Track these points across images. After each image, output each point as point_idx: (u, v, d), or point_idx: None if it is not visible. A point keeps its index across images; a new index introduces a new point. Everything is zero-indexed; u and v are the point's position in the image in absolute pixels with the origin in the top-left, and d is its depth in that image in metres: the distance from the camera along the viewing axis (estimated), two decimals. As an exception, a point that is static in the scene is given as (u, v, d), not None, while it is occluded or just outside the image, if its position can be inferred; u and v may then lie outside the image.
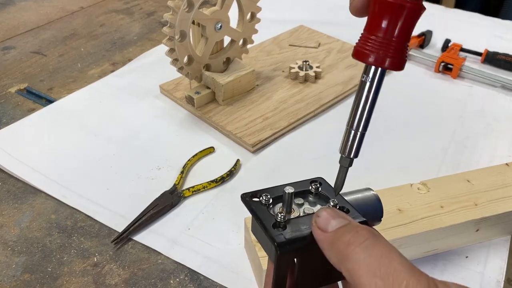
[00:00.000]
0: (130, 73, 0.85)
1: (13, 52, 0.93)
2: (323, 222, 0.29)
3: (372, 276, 0.25)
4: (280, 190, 0.33)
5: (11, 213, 0.58)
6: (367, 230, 0.27)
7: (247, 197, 0.34)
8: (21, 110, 0.77)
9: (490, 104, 0.78)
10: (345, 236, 0.27)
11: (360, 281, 0.25)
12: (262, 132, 0.68)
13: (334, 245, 0.28)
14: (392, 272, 0.25)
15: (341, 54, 0.88)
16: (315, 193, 0.34)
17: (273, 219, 0.31)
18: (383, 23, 0.29)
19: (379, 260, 0.25)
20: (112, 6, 1.13)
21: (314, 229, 0.29)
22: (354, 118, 0.32)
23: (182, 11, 0.63)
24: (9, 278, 0.50)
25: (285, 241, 0.29)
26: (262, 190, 0.34)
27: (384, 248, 0.26)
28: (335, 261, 0.28)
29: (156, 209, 0.57)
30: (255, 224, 0.33)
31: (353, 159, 0.33)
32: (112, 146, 0.68)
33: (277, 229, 0.30)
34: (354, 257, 0.26)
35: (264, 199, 0.33)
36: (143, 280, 0.50)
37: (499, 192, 0.52)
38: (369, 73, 0.31)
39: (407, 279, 0.24)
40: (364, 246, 0.26)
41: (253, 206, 0.33)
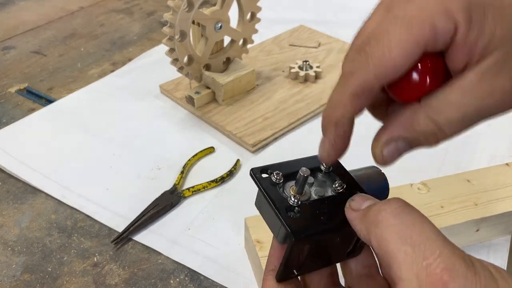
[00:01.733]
0: (130, 73, 0.85)
1: (13, 52, 0.93)
2: (357, 204, 0.28)
3: (402, 243, 0.23)
4: (292, 167, 0.32)
5: (11, 213, 0.58)
6: (399, 200, 0.26)
7: (257, 172, 0.32)
8: (21, 110, 0.77)
9: (490, 104, 0.78)
10: (376, 206, 0.26)
11: (389, 248, 0.23)
12: (262, 132, 0.68)
13: (365, 216, 0.26)
14: (424, 240, 0.23)
15: (341, 54, 0.88)
16: (324, 172, 0.33)
17: (286, 202, 0.30)
18: None
19: (411, 227, 0.23)
20: (112, 6, 1.12)
21: (347, 210, 0.29)
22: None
23: (182, 11, 0.63)
24: (9, 278, 0.50)
25: (300, 229, 0.28)
26: (273, 166, 0.32)
27: (417, 216, 0.24)
28: (365, 232, 0.26)
29: (156, 209, 0.57)
30: (260, 200, 0.32)
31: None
32: (112, 146, 0.68)
33: (291, 213, 0.29)
34: (384, 223, 0.24)
35: (275, 177, 0.31)
36: (143, 280, 0.50)
37: (500, 192, 0.52)
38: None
39: (440, 248, 0.22)
40: (395, 212, 0.25)
41: (263, 185, 0.31)
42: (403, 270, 0.22)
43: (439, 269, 0.21)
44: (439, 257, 0.22)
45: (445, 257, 0.22)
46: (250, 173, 0.32)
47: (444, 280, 0.21)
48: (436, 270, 0.21)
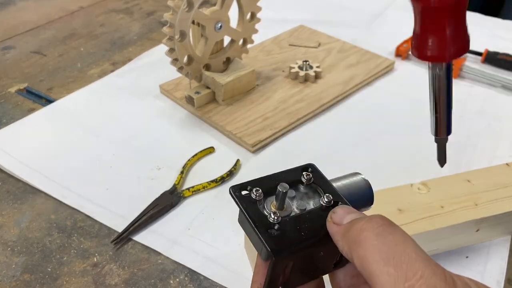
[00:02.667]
0: (130, 73, 0.85)
1: (13, 52, 0.93)
2: (339, 217, 0.28)
3: (385, 264, 0.23)
4: (272, 182, 0.32)
5: (10, 213, 0.58)
6: (381, 218, 0.26)
7: (236, 191, 0.32)
8: (21, 110, 0.77)
9: (490, 104, 0.78)
10: (358, 223, 0.26)
11: (371, 269, 0.24)
12: (262, 132, 0.68)
13: (347, 234, 0.27)
14: (406, 260, 0.23)
15: (341, 54, 0.88)
16: (306, 183, 0.33)
17: (266, 219, 0.29)
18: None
19: (393, 247, 0.24)
20: (112, 6, 1.12)
21: (328, 224, 0.29)
22: (442, 104, 0.34)
23: (182, 10, 0.63)
24: (8, 278, 0.50)
25: (281, 248, 0.28)
26: (252, 182, 0.32)
27: (398, 235, 0.25)
28: (347, 250, 0.26)
29: (156, 209, 0.57)
30: (242, 217, 0.32)
31: (447, 137, 0.36)
32: (112, 146, 0.68)
33: (271, 231, 0.29)
34: (366, 243, 0.25)
35: (255, 194, 0.31)
36: (143, 280, 0.50)
37: (500, 192, 0.52)
38: (442, 67, 0.33)
39: (422, 269, 0.23)
40: (377, 232, 0.25)
41: (243, 203, 0.31)
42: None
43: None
44: (421, 278, 0.22)
45: (427, 278, 0.22)
46: (230, 192, 0.32)
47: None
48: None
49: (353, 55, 0.87)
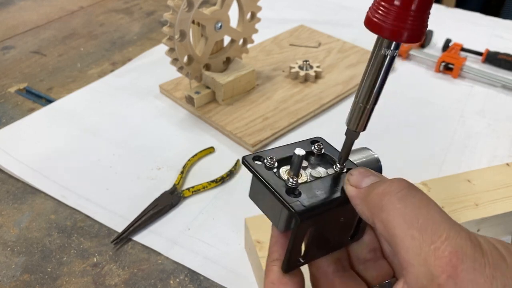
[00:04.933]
0: (129, 73, 0.85)
1: (13, 51, 0.93)
2: (357, 179, 0.28)
3: (408, 227, 0.23)
4: (284, 152, 0.31)
5: (10, 213, 0.58)
6: (403, 181, 0.25)
7: (250, 160, 0.30)
8: (21, 110, 0.77)
9: (490, 104, 0.78)
10: (379, 187, 0.26)
11: (395, 232, 0.23)
12: (262, 132, 0.68)
13: (368, 198, 0.26)
14: (431, 223, 0.23)
15: (341, 54, 0.88)
16: (317, 154, 0.33)
17: (284, 184, 0.29)
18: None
19: (416, 210, 0.23)
20: (111, 6, 1.12)
21: (346, 186, 0.28)
22: (367, 92, 0.30)
23: (182, 10, 0.63)
24: (8, 279, 0.50)
25: (304, 209, 0.27)
26: (264, 152, 0.31)
27: (422, 198, 0.24)
28: (368, 214, 0.26)
29: (156, 209, 0.57)
30: (256, 189, 0.31)
31: (359, 132, 0.32)
32: (111, 146, 0.68)
33: (291, 195, 0.28)
34: (389, 207, 0.24)
35: (269, 162, 0.30)
36: (143, 281, 0.50)
37: (500, 192, 0.52)
38: (391, 47, 0.28)
39: (447, 230, 0.22)
40: (400, 195, 0.24)
41: (259, 170, 0.30)
42: (411, 254, 0.22)
43: (447, 252, 0.21)
44: (446, 240, 0.22)
45: (452, 239, 0.22)
46: (243, 161, 0.31)
47: (453, 263, 0.21)
48: (444, 253, 0.21)
49: (353, 55, 0.87)
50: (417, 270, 0.22)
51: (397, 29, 0.26)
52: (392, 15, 0.26)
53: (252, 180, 0.31)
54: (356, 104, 0.30)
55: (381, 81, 0.29)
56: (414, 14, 0.26)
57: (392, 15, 0.26)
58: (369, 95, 0.30)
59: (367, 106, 0.30)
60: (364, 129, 0.31)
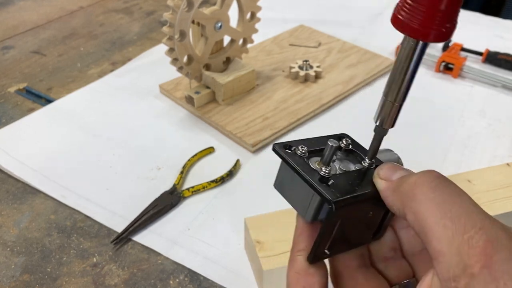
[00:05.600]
0: (129, 73, 0.85)
1: (13, 51, 0.93)
2: (387, 172, 0.28)
3: (441, 216, 0.22)
4: (313, 144, 0.31)
5: (10, 213, 0.58)
6: (435, 172, 0.25)
7: (281, 148, 0.30)
8: (21, 110, 0.77)
9: (491, 104, 0.78)
10: (411, 178, 0.25)
11: (427, 223, 0.23)
12: (262, 132, 0.68)
13: (399, 188, 0.26)
14: (464, 212, 0.22)
15: (341, 54, 0.88)
16: (344, 149, 0.32)
17: (317, 173, 0.29)
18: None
19: (449, 200, 0.23)
20: (111, 6, 1.12)
21: (376, 179, 0.28)
22: (396, 89, 0.30)
23: (181, 10, 0.63)
24: (8, 279, 0.50)
25: (340, 197, 0.27)
26: (293, 142, 0.31)
27: (454, 189, 0.24)
28: (399, 205, 0.26)
29: (156, 209, 0.57)
30: (284, 178, 0.31)
31: (387, 129, 0.32)
32: (111, 146, 0.68)
33: (324, 184, 0.28)
34: (422, 197, 0.24)
35: (301, 151, 0.30)
36: (142, 281, 0.50)
37: (500, 192, 0.52)
38: (418, 46, 0.28)
39: (481, 220, 0.22)
40: (433, 185, 0.24)
41: (289, 157, 0.29)
42: (444, 244, 0.22)
43: (482, 241, 0.21)
44: (481, 230, 0.21)
45: (487, 229, 0.21)
46: (274, 149, 0.30)
47: (488, 253, 0.21)
48: (479, 242, 0.21)
49: (353, 55, 0.87)
50: (449, 260, 0.21)
51: (424, 29, 0.26)
52: (419, 13, 0.25)
53: (280, 169, 0.31)
54: (384, 101, 0.31)
55: (410, 78, 0.29)
56: (441, 13, 0.25)
57: (419, 14, 0.25)
58: (397, 92, 0.30)
59: (395, 103, 0.30)
60: (392, 126, 0.32)
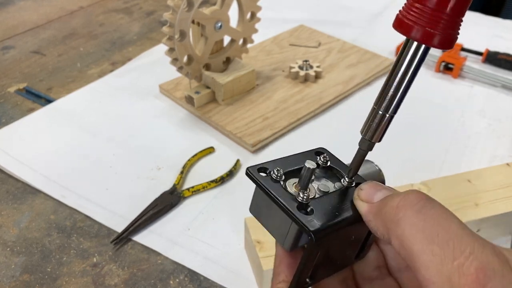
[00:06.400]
0: (129, 73, 0.85)
1: (13, 51, 0.93)
2: (367, 193, 0.26)
3: (429, 242, 0.21)
4: (289, 164, 0.29)
5: (10, 213, 0.58)
6: (419, 193, 0.24)
7: (255, 171, 0.28)
8: (20, 110, 0.77)
9: (491, 104, 0.78)
10: (393, 201, 0.24)
11: (413, 249, 0.22)
12: (262, 132, 0.68)
13: (382, 212, 0.24)
14: (453, 237, 0.21)
15: (341, 54, 0.88)
16: (322, 166, 0.31)
17: (294, 200, 0.27)
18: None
19: (436, 224, 0.21)
20: (111, 6, 1.12)
21: (356, 202, 0.27)
22: (389, 99, 0.28)
23: (181, 10, 0.63)
24: (8, 279, 0.50)
25: (320, 228, 0.25)
26: (269, 163, 0.29)
27: (440, 211, 0.22)
28: (383, 231, 0.24)
29: (156, 209, 0.57)
30: (260, 203, 0.29)
31: (374, 143, 0.29)
32: (111, 146, 0.68)
33: (303, 212, 0.26)
34: (406, 221, 0.22)
35: (275, 174, 0.28)
36: (142, 281, 0.50)
37: (500, 192, 0.52)
38: (419, 51, 0.26)
39: (471, 245, 0.20)
40: (417, 208, 0.23)
41: (266, 183, 0.27)
42: (432, 272, 0.21)
43: (473, 268, 0.20)
44: (471, 255, 0.20)
45: (477, 254, 0.20)
46: (247, 173, 0.28)
47: (480, 281, 0.19)
48: (470, 269, 0.20)
49: (353, 55, 0.87)
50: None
51: (428, 32, 0.24)
52: (424, 17, 0.24)
53: (255, 193, 0.30)
54: (375, 112, 0.28)
55: (406, 87, 0.28)
56: (447, 17, 0.24)
57: (424, 17, 0.24)
58: (391, 102, 0.28)
59: (386, 113, 0.28)
60: (380, 140, 0.29)
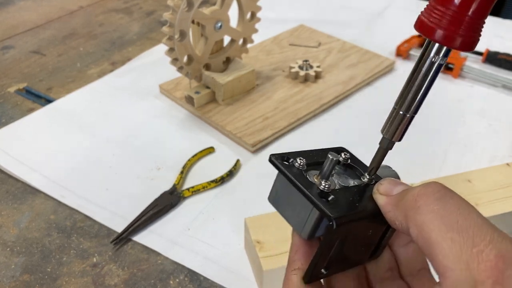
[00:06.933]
0: (129, 73, 0.85)
1: (12, 51, 0.93)
2: (387, 187, 0.27)
3: (448, 229, 0.21)
4: (312, 156, 0.30)
5: (10, 213, 0.58)
6: (439, 183, 0.24)
7: (278, 159, 0.28)
8: (20, 110, 0.77)
9: (491, 104, 0.78)
10: (413, 190, 0.24)
11: (432, 235, 0.21)
12: (262, 132, 0.68)
13: (401, 202, 0.24)
14: (472, 225, 0.21)
15: (341, 54, 0.88)
16: (343, 163, 0.31)
17: (316, 187, 0.27)
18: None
19: (456, 212, 0.21)
20: (111, 6, 1.12)
21: (376, 195, 0.27)
22: (409, 100, 0.29)
23: (181, 10, 0.63)
24: (8, 279, 0.50)
25: (341, 214, 0.25)
26: (292, 153, 0.29)
27: (460, 200, 0.22)
28: (402, 219, 0.24)
29: (156, 209, 0.57)
30: (280, 191, 0.29)
31: (394, 142, 0.30)
32: (111, 146, 0.68)
33: (324, 200, 0.26)
34: (426, 208, 0.22)
35: (298, 163, 0.28)
36: (142, 281, 0.50)
37: (500, 192, 0.52)
38: (440, 53, 0.27)
39: (490, 233, 0.20)
40: (437, 196, 0.23)
41: (286, 170, 0.28)
42: (451, 259, 0.21)
43: (492, 255, 0.20)
44: (491, 243, 0.20)
45: (497, 242, 0.20)
46: (271, 159, 0.28)
47: (500, 268, 0.19)
48: (489, 256, 0.20)
49: (353, 55, 0.87)
50: (458, 276, 0.20)
51: (450, 34, 0.25)
52: (447, 19, 0.25)
53: (276, 181, 0.30)
54: (396, 112, 0.29)
55: (426, 89, 0.28)
56: (469, 19, 0.24)
57: (447, 19, 0.25)
58: (411, 103, 0.29)
59: (407, 114, 0.29)
60: (400, 139, 0.30)
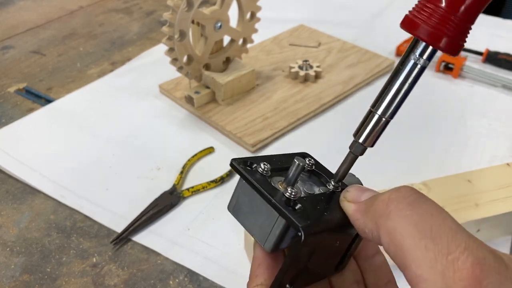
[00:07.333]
0: (129, 73, 0.85)
1: (12, 51, 0.93)
2: (354, 194, 0.25)
3: (421, 237, 0.20)
4: (276, 161, 0.28)
5: (10, 213, 0.58)
6: (410, 187, 0.22)
7: (240, 163, 0.26)
8: (20, 110, 0.77)
9: (491, 104, 0.78)
10: (383, 195, 0.23)
11: (404, 243, 0.20)
12: (262, 132, 0.68)
13: (370, 209, 0.23)
14: (447, 231, 0.20)
15: (341, 54, 0.88)
16: (307, 170, 0.29)
17: (281, 195, 0.25)
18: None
19: (429, 218, 0.20)
20: (111, 6, 1.12)
21: (343, 203, 0.26)
22: (386, 102, 0.27)
23: (181, 10, 0.63)
24: (8, 279, 0.50)
25: (310, 224, 0.24)
26: (254, 158, 0.27)
27: (434, 206, 0.21)
28: (371, 227, 0.23)
29: (156, 209, 0.57)
30: (242, 199, 0.27)
31: (366, 148, 0.28)
32: (111, 146, 0.68)
33: (290, 208, 0.24)
34: (397, 214, 0.21)
35: (261, 168, 0.26)
36: (142, 281, 0.50)
37: (500, 192, 0.52)
38: (424, 54, 0.25)
39: (466, 240, 0.19)
40: (409, 201, 0.21)
41: (249, 176, 0.26)
42: (425, 268, 0.19)
43: (469, 263, 0.19)
44: (466, 250, 0.19)
45: (473, 249, 0.19)
46: (231, 164, 0.27)
47: (477, 276, 0.19)
48: (466, 264, 0.19)
49: (353, 55, 0.87)
50: (432, 286, 0.19)
51: (437, 32, 0.24)
52: (435, 17, 0.24)
53: (236, 188, 0.28)
54: (371, 114, 0.27)
55: (406, 91, 0.27)
56: (457, 19, 0.23)
57: (434, 17, 0.24)
58: (389, 105, 0.27)
59: (383, 117, 0.27)
60: (373, 145, 0.28)
